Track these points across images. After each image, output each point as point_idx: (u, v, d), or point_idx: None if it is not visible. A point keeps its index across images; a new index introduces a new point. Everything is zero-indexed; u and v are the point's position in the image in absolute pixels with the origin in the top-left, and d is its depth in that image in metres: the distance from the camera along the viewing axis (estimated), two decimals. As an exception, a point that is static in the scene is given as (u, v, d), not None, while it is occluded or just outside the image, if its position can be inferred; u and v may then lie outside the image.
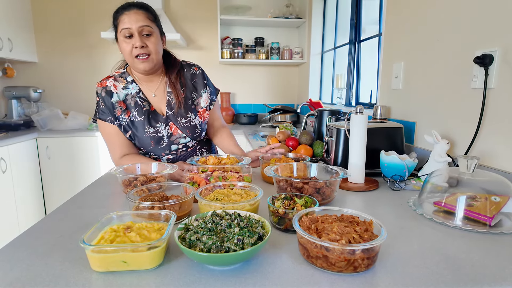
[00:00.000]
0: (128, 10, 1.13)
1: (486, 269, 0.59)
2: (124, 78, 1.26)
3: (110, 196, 1.00)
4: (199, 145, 1.40)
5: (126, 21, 1.12)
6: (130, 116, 1.23)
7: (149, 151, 1.29)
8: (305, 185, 0.90)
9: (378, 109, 1.57)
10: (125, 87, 1.25)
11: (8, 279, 0.55)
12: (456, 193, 0.83)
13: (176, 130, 1.28)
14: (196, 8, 3.27)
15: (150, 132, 1.24)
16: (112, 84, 1.24)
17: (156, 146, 1.26)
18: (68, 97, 3.24)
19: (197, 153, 1.40)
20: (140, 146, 1.27)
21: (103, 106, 1.22)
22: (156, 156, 1.33)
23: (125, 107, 1.23)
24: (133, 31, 1.12)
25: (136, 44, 1.12)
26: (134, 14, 1.12)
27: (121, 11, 1.15)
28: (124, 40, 1.14)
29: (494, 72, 1.01)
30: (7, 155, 2.35)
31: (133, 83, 1.26)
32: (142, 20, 1.13)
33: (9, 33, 2.71)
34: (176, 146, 1.31)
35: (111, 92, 1.23)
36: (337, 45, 2.80)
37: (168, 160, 1.33)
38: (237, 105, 3.56)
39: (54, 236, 0.72)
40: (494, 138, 1.02)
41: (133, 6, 1.14)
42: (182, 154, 1.35)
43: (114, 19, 1.17)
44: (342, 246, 0.55)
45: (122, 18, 1.13)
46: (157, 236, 0.62)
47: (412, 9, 1.42)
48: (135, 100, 1.24)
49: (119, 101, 1.23)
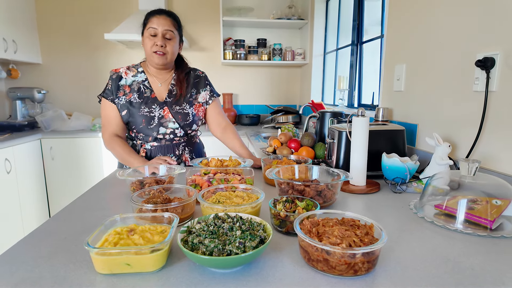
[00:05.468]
0: (159, 14, 1.34)
1: (487, 273, 0.59)
2: (136, 68, 1.44)
3: (114, 198, 1.01)
4: (185, 142, 1.47)
5: (154, 22, 1.32)
6: (130, 98, 1.38)
7: (139, 130, 1.39)
8: (306, 188, 0.90)
9: (380, 111, 1.57)
10: (135, 75, 1.42)
11: (13, 281, 0.56)
12: (457, 196, 0.83)
13: (168, 114, 1.40)
14: (198, 10, 3.28)
15: (144, 111, 1.37)
16: (124, 71, 1.42)
17: (146, 125, 1.37)
18: (71, 98, 3.26)
19: (179, 149, 1.45)
20: (132, 124, 1.39)
21: (110, 87, 1.38)
22: (141, 142, 1.42)
23: (129, 90, 1.39)
24: (158, 32, 1.32)
25: (157, 43, 1.32)
26: (162, 19, 1.33)
27: (153, 13, 1.35)
28: (148, 37, 1.33)
29: (495, 75, 1.01)
30: (11, 155, 2.37)
31: (142, 73, 1.43)
32: (168, 25, 1.33)
33: (14, 35, 2.74)
34: (164, 130, 1.40)
35: (121, 77, 1.40)
36: (339, 46, 2.80)
37: (152, 147, 1.41)
38: (239, 106, 3.57)
39: (59, 238, 0.73)
40: (496, 141, 1.02)
41: (164, 13, 1.35)
42: (166, 144, 1.42)
43: (146, 18, 1.36)
44: (342, 249, 0.55)
45: (152, 19, 1.33)
46: (160, 238, 0.63)
47: (414, 11, 1.42)
48: (139, 86, 1.40)
49: (125, 85, 1.40)
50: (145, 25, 1.35)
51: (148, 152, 1.41)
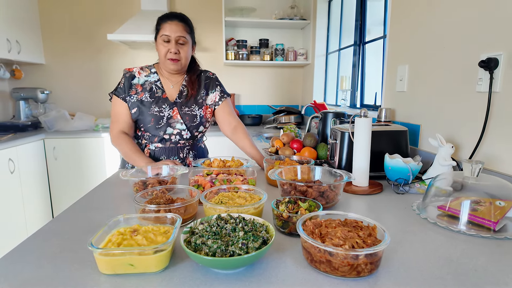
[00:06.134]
0: (171, 20, 1.33)
1: (490, 274, 0.59)
2: (149, 69, 1.46)
3: (117, 199, 1.02)
4: (189, 146, 1.47)
5: (167, 29, 1.32)
6: (142, 97, 1.39)
7: (147, 129, 1.40)
8: (309, 189, 0.90)
9: (383, 112, 1.56)
10: (148, 75, 1.44)
11: (18, 281, 0.57)
12: (460, 197, 0.83)
13: (176, 114, 1.41)
14: (201, 10, 3.29)
15: (154, 110, 1.38)
16: (137, 71, 1.44)
17: (154, 125, 1.38)
18: (74, 98, 3.28)
19: (184, 152, 1.46)
20: (140, 123, 1.40)
21: (122, 85, 1.40)
22: (146, 142, 1.44)
23: (141, 89, 1.41)
24: (171, 38, 1.33)
25: (171, 50, 1.34)
26: (175, 25, 1.33)
27: (165, 19, 1.34)
28: (162, 43, 1.34)
29: (499, 76, 1.01)
30: (15, 155, 2.39)
31: (155, 73, 1.45)
32: (180, 31, 1.33)
33: (18, 35, 2.75)
34: (172, 130, 1.41)
35: (134, 76, 1.42)
36: (341, 46, 2.79)
37: (156, 148, 1.42)
38: (241, 106, 3.57)
39: (63, 238, 0.73)
40: (499, 142, 1.02)
41: (175, 18, 1.35)
42: (170, 146, 1.42)
43: (158, 24, 1.37)
44: (345, 251, 0.55)
45: (164, 25, 1.33)
46: (163, 239, 0.63)
47: (417, 11, 1.42)
48: (151, 86, 1.42)
49: (138, 84, 1.41)
50: (158, 30, 1.36)
51: (152, 152, 1.42)
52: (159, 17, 1.37)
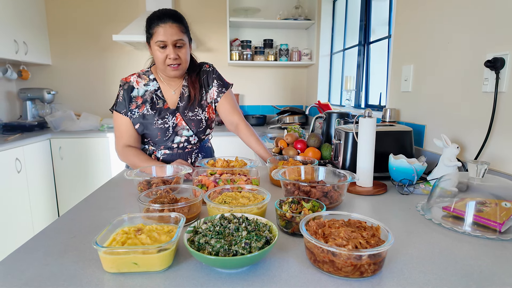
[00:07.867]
0: (164, 22, 1.21)
1: (495, 276, 0.59)
2: (147, 76, 1.37)
3: (121, 198, 1.02)
4: (197, 149, 1.45)
5: (161, 33, 1.21)
6: (143, 111, 1.33)
7: (156, 142, 1.36)
8: (312, 189, 0.90)
9: (387, 112, 1.56)
10: (147, 84, 1.36)
11: (24, 279, 0.58)
12: (466, 198, 0.82)
13: (181, 121, 1.36)
14: (205, 10, 3.30)
15: (158, 123, 1.33)
16: (135, 80, 1.35)
17: (162, 137, 1.34)
18: (80, 99, 3.31)
19: (192, 156, 1.44)
20: (147, 137, 1.37)
21: (121, 99, 1.32)
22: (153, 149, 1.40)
23: (141, 101, 1.33)
24: (168, 44, 1.22)
25: (170, 56, 1.24)
26: (169, 28, 1.21)
27: (156, 21, 1.21)
28: (158, 50, 1.24)
29: (505, 76, 1.00)
30: (22, 155, 2.42)
31: (154, 81, 1.37)
32: (176, 34, 1.22)
33: (25, 36, 2.79)
34: (179, 138, 1.37)
35: (132, 87, 1.33)
36: (346, 46, 2.78)
37: (164, 155, 1.39)
38: (245, 106, 3.58)
39: (68, 237, 0.74)
40: (505, 143, 1.01)
41: (168, 18, 1.22)
42: (178, 152, 1.40)
43: (149, 27, 1.24)
44: (348, 251, 0.55)
45: (158, 29, 1.21)
46: (166, 238, 0.64)
47: (422, 11, 1.41)
48: (151, 96, 1.35)
49: (138, 96, 1.34)
50: (150, 34, 1.24)
51: (159, 159, 1.39)
52: (148, 17, 1.25)
